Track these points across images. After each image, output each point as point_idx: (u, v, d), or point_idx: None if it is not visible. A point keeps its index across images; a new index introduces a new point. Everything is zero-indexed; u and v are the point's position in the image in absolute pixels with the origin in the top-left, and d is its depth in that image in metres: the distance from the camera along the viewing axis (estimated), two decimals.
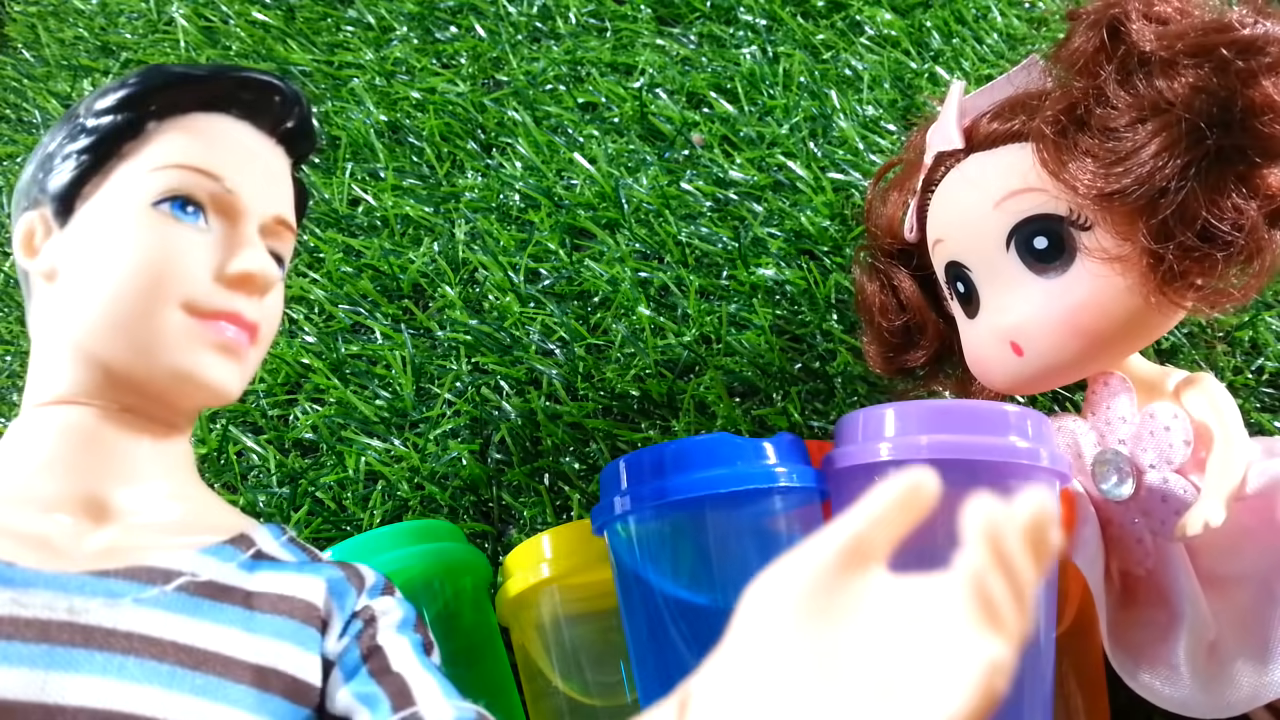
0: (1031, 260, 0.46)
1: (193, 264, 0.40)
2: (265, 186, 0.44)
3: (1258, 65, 0.40)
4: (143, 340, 0.39)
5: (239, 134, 0.44)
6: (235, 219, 0.42)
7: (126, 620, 0.34)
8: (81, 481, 0.39)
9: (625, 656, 0.48)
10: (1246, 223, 0.41)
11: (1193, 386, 0.47)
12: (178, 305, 0.40)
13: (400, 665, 0.38)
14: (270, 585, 0.39)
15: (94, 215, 0.41)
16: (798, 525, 0.45)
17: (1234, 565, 0.46)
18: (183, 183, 0.41)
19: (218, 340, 0.40)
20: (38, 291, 0.42)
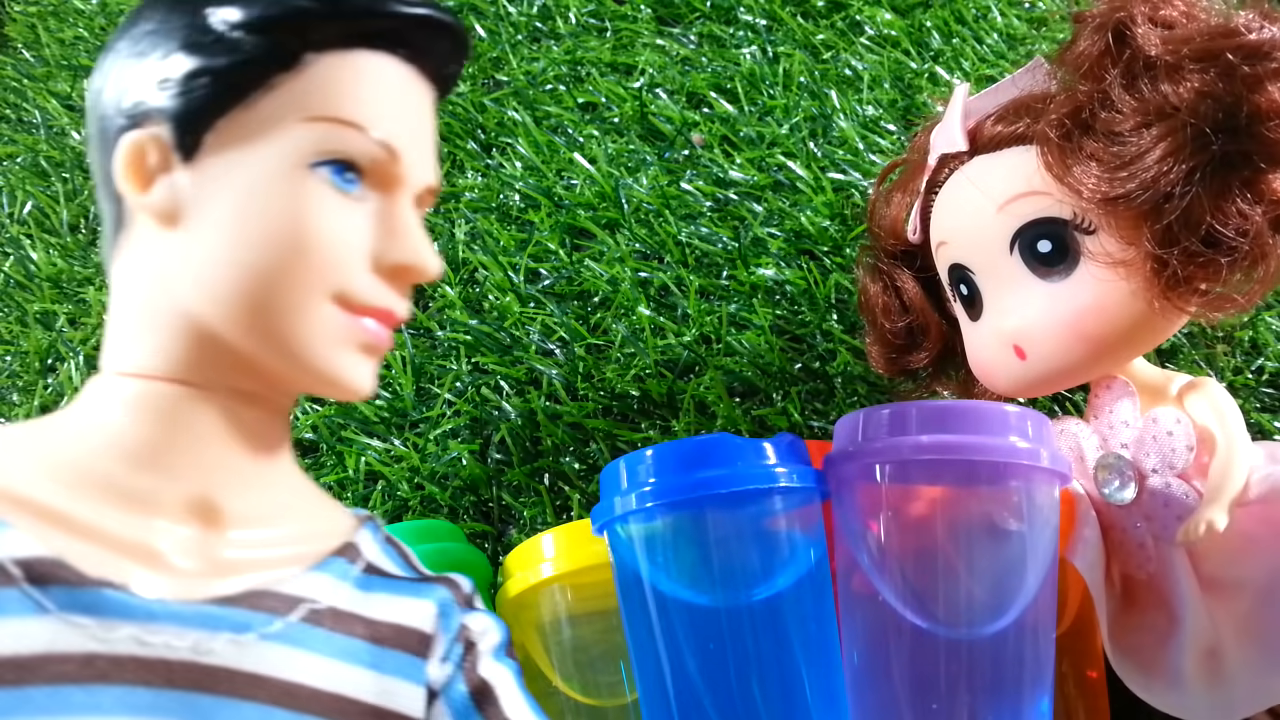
0: (1035, 264, 0.46)
1: (351, 247, 0.34)
2: (424, 150, 0.37)
3: (1264, 70, 0.40)
4: (285, 331, 0.33)
5: (403, 83, 0.36)
6: (393, 190, 0.36)
7: (252, 660, 0.31)
8: (191, 478, 0.33)
9: (625, 657, 0.48)
10: (1251, 228, 0.41)
11: (1196, 391, 0.47)
12: (330, 295, 0.34)
13: (513, 710, 0.35)
14: (388, 612, 0.35)
15: (234, 159, 0.33)
16: (798, 525, 0.45)
17: (1236, 571, 0.46)
18: (346, 144, 0.34)
19: (365, 341, 0.35)
20: (142, 232, 0.34)
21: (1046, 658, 0.44)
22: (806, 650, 0.43)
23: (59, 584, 0.29)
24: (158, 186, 0.33)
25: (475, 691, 0.35)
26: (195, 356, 0.34)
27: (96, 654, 0.28)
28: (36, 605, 0.28)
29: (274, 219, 0.33)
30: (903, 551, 0.43)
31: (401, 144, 0.35)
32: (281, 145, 0.33)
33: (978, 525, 0.43)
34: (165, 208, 0.33)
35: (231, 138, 0.33)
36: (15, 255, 0.83)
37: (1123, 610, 0.49)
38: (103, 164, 0.35)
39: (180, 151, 0.33)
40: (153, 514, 0.32)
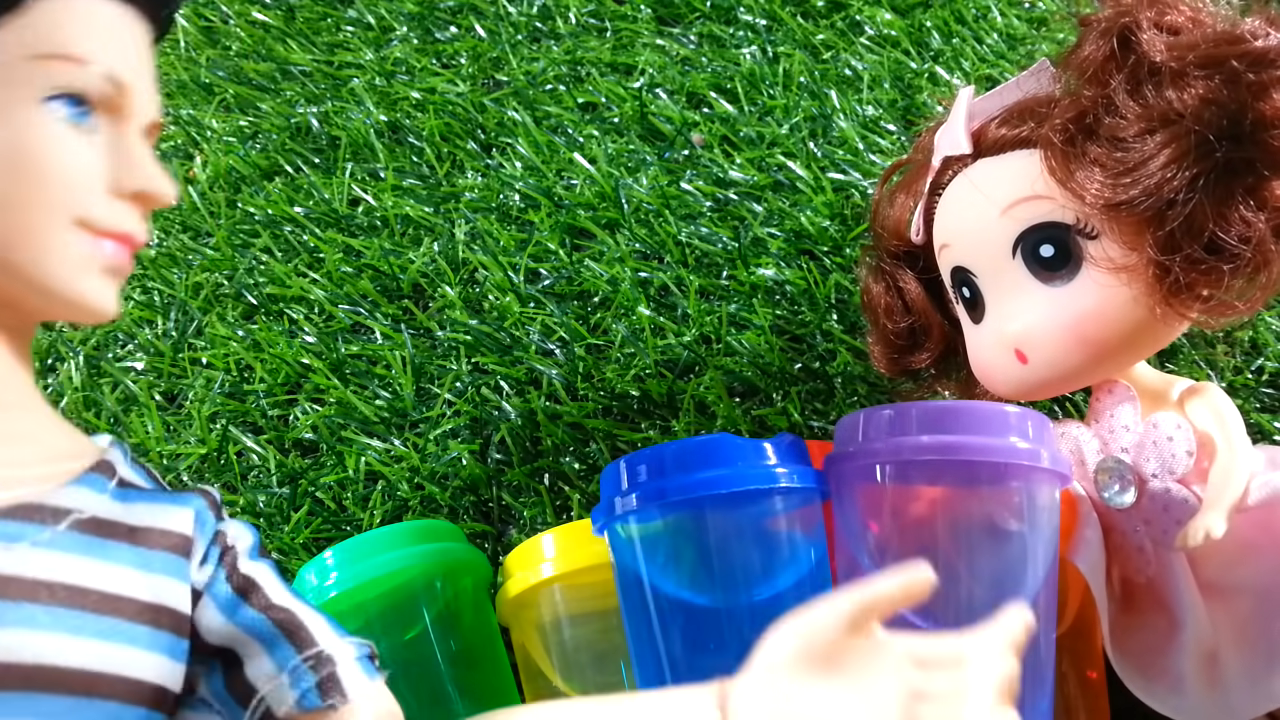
0: (1038, 268, 0.46)
1: (87, 175, 0.36)
2: (146, 85, 0.39)
3: (1268, 78, 0.40)
4: (29, 257, 0.35)
5: (121, 21, 0.38)
6: (121, 120, 0.38)
7: (31, 566, 0.33)
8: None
9: (625, 656, 0.48)
10: (1254, 235, 0.41)
11: (1197, 396, 0.47)
12: (71, 221, 0.36)
13: (280, 598, 0.38)
14: (149, 518, 0.37)
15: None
16: (798, 525, 0.45)
17: (1235, 575, 0.46)
18: (74, 79, 0.36)
19: (108, 262, 0.37)
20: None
21: (1047, 658, 0.44)
22: None
23: None
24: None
25: (239, 587, 0.38)
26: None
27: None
28: None
29: (11, 153, 0.34)
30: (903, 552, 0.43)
31: (127, 78, 0.37)
32: (11, 83, 0.35)
33: (978, 526, 0.43)
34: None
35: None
36: None
37: (1123, 613, 0.49)
38: None
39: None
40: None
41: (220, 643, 0.37)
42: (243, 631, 0.37)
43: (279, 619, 0.37)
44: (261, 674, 0.36)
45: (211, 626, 0.37)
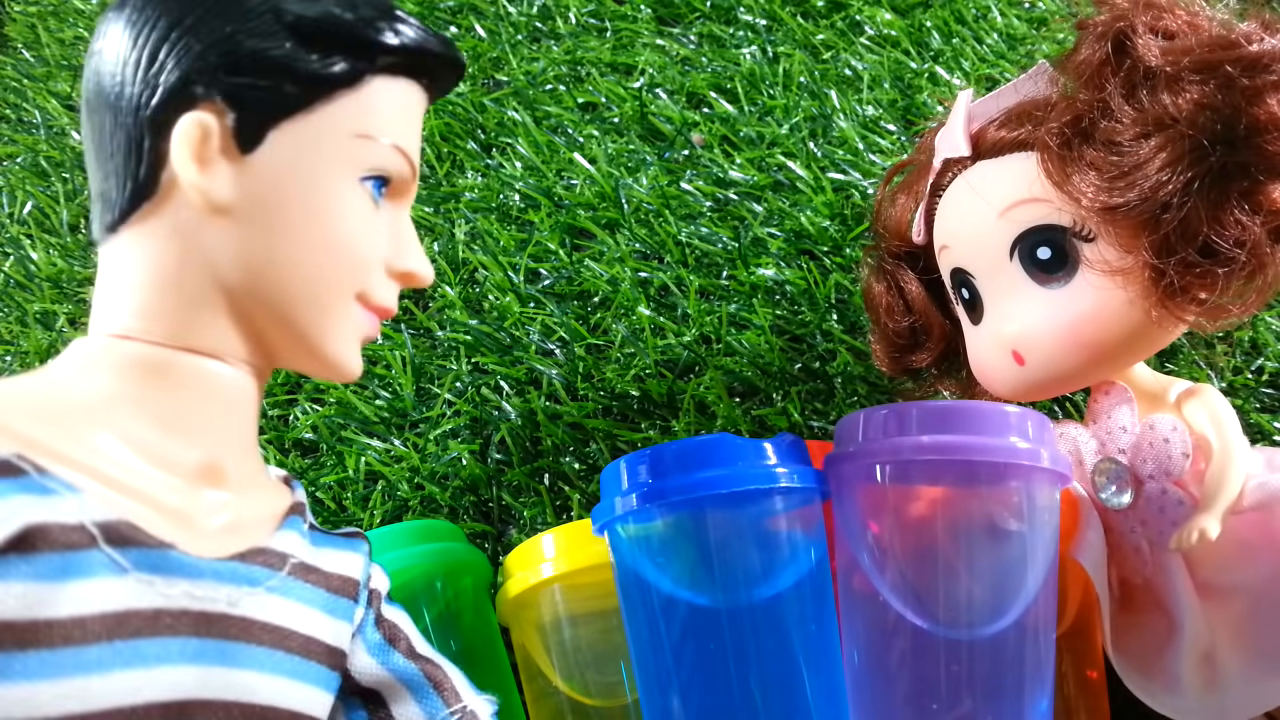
0: (1035, 270, 0.46)
1: (377, 254, 0.38)
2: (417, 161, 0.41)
3: (1263, 83, 0.40)
4: (315, 322, 0.37)
5: (421, 108, 0.40)
6: (401, 204, 0.40)
7: (263, 610, 0.34)
8: (207, 444, 0.35)
9: (626, 657, 0.48)
10: (1249, 239, 0.41)
11: (1194, 398, 0.47)
12: (354, 294, 0.38)
13: (423, 649, 0.40)
14: (334, 564, 0.39)
15: (291, 160, 0.35)
16: (798, 525, 0.45)
17: (1231, 577, 0.46)
18: (389, 163, 0.38)
19: (369, 335, 0.39)
20: (182, 208, 0.35)
21: (1047, 658, 0.44)
22: (807, 650, 0.43)
23: (131, 545, 0.31)
24: (218, 171, 0.34)
25: (387, 634, 0.40)
26: (214, 329, 0.36)
27: (162, 609, 0.31)
28: (116, 565, 0.30)
29: (327, 223, 0.36)
30: (903, 552, 0.43)
31: (416, 162, 0.39)
32: (336, 156, 0.36)
33: (978, 525, 0.43)
34: (221, 193, 0.35)
35: (289, 139, 0.35)
36: (15, 255, 0.83)
37: (1121, 613, 0.50)
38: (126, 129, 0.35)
39: (241, 143, 0.35)
40: (174, 475, 0.34)
41: (369, 684, 0.39)
42: (393, 677, 0.39)
43: (426, 670, 0.40)
44: (406, 717, 0.39)
45: (363, 668, 0.39)
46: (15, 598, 0.27)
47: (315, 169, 0.36)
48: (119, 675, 0.29)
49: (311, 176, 0.36)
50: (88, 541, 0.30)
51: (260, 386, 0.39)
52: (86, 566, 0.29)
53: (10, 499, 0.28)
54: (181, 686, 0.31)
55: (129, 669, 0.29)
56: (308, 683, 0.35)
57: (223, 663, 0.32)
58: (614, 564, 0.47)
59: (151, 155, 0.35)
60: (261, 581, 0.35)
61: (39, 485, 0.29)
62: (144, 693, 0.29)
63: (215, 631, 0.32)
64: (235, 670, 0.32)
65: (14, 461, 0.29)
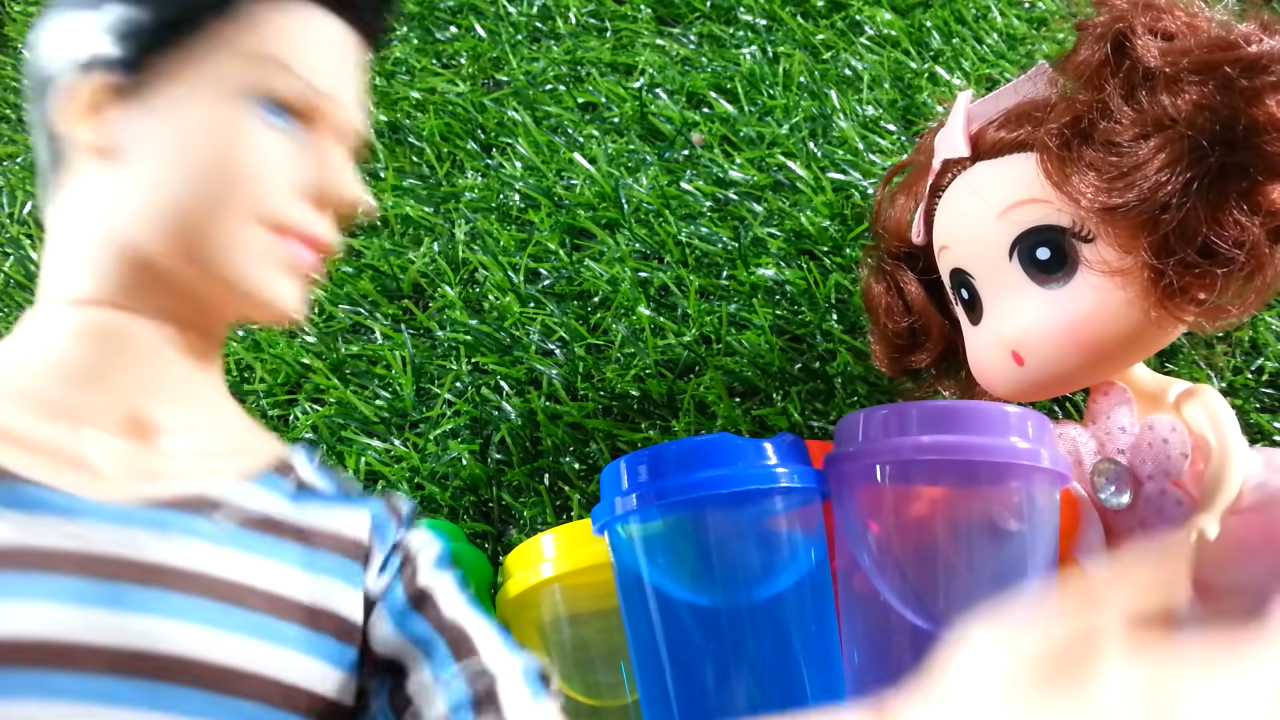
0: (1034, 270, 0.46)
1: (277, 174, 0.37)
2: (350, 96, 0.40)
3: (1261, 84, 0.40)
4: (211, 248, 0.36)
5: (331, 30, 0.39)
6: (322, 130, 0.39)
7: (185, 556, 0.32)
8: (120, 395, 0.35)
9: (626, 656, 0.48)
10: (1248, 239, 0.41)
11: (1193, 399, 0.47)
12: (254, 217, 0.36)
13: (452, 609, 0.36)
14: (321, 520, 0.37)
15: (171, 98, 0.36)
16: (798, 525, 0.45)
17: (1228, 576, 0.46)
18: (277, 84, 0.37)
19: (290, 259, 0.38)
20: (81, 169, 0.37)
21: None
22: (807, 650, 0.43)
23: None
24: (100, 125, 0.36)
25: (414, 597, 0.37)
26: (132, 283, 0.36)
27: (24, 545, 0.30)
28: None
29: (207, 150, 0.36)
30: (903, 551, 0.43)
31: (327, 85, 0.38)
32: (214, 83, 0.36)
33: (978, 525, 0.43)
34: (104, 145, 0.36)
35: (168, 79, 0.36)
36: (15, 255, 0.83)
37: None
38: (40, 110, 0.38)
39: (117, 93, 0.36)
40: (83, 425, 0.34)
41: (389, 654, 0.36)
42: (410, 641, 0.35)
43: (450, 631, 0.35)
44: (417, 684, 0.34)
45: (382, 636, 0.36)
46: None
47: (193, 98, 0.36)
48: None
49: (191, 107, 0.36)
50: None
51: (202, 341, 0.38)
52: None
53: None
54: (57, 625, 0.29)
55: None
56: (264, 639, 0.33)
57: (113, 606, 0.30)
58: (614, 564, 0.47)
59: (53, 123, 0.37)
60: (184, 528, 0.33)
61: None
62: (4, 627, 0.29)
63: (107, 574, 0.31)
64: (131, 615, 0.31)
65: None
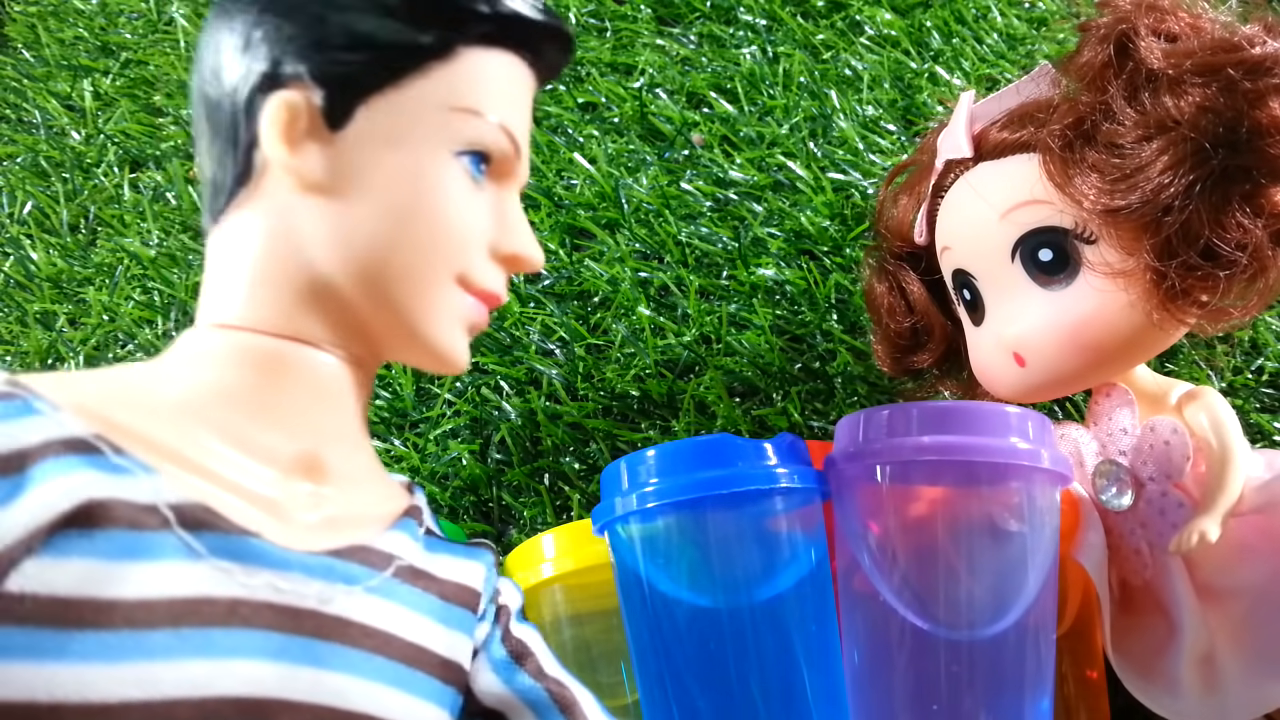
0: (1036, 272, 0.46)
1: (478, 233, 0.36)
2: (528, 147, 0.39)
3: (1265, 86, 0.40)
4: (412, 303, 0.35)
5: (525, 83, 0.38)
6: (508, 183, 0.38)
7: (361, 611, 0.32)
8: (305, 436, 0.34)
9: (625, 656, 0.48)
10: (1251, 242, 0.41)
11: (1194, 401, 0.47)
12: (454, 276, 0.36)
13: (551, 668, 0.37)
14: (450, 571, 0.37)
15: (383, 136, 0.34)
16: (798, 525, 0.45)
17: (1231, 579, 0.46)
18: (485, 137, 0.36)
19: (473, 320, 0.37)
20: (277, 191, 0.34)
21: (1047, 659, 0.44)
22: (807, 651, 0.43)
23: (208, 530, 0.29)
24: (308, 150, 0.34)
25: (514, 650, 0.37)
26: (314, 315, 0.35)
27: (240, 599, 0.29)
28: (189, 550, 0.29)
29: (420, 199, 0.34)
30: (904, 552, 0.43)
31: (521, 140, 0.37)
32: (429, 130, 0.35)
33: (978, 526, 0.43)
34: (312, 172, 0.34)
35: (380, 114, 0.34)
36: (15, 255, 0.83)
37: (1121, 614, 0.50)
38: (226, 117, 0.35)
39: (330, 120, 0.34)
40: (270, 466, 0.33)
41: (492, 705, 0.36)
42: (518, 698, 0.36)
43: (554, 691, 0.36)
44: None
45: (487, 688, 0.36)
46: (73, 575, 0.26)
47: (406, 144, 0.34)
48: (187, 664, 0.27)
49: (402, 152, 0.34)
50: (159, 523, 0.28)
51: (365, 380, 0.37)
52: (156, 548, 0.28)
53: (76, 474, 0.27)
54: (260, 683, 0.28)
55: (198, 659, 0.27)
56: (414, 694, 0.33)
57: (310, 663, 0.30)
58: (614, 564, 0.47)
59: (246, 139, 0.34)
60: (360, 580, 0.33)
61: (111, 464, 0.28)
62: (215, 685, 0.27)
63: (302, 628, 0.30)
64: (324, 672, 0.30)
65: (89, 439, 0.28)
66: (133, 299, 0.77)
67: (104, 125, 0.90)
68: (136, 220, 0.83)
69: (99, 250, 0.82)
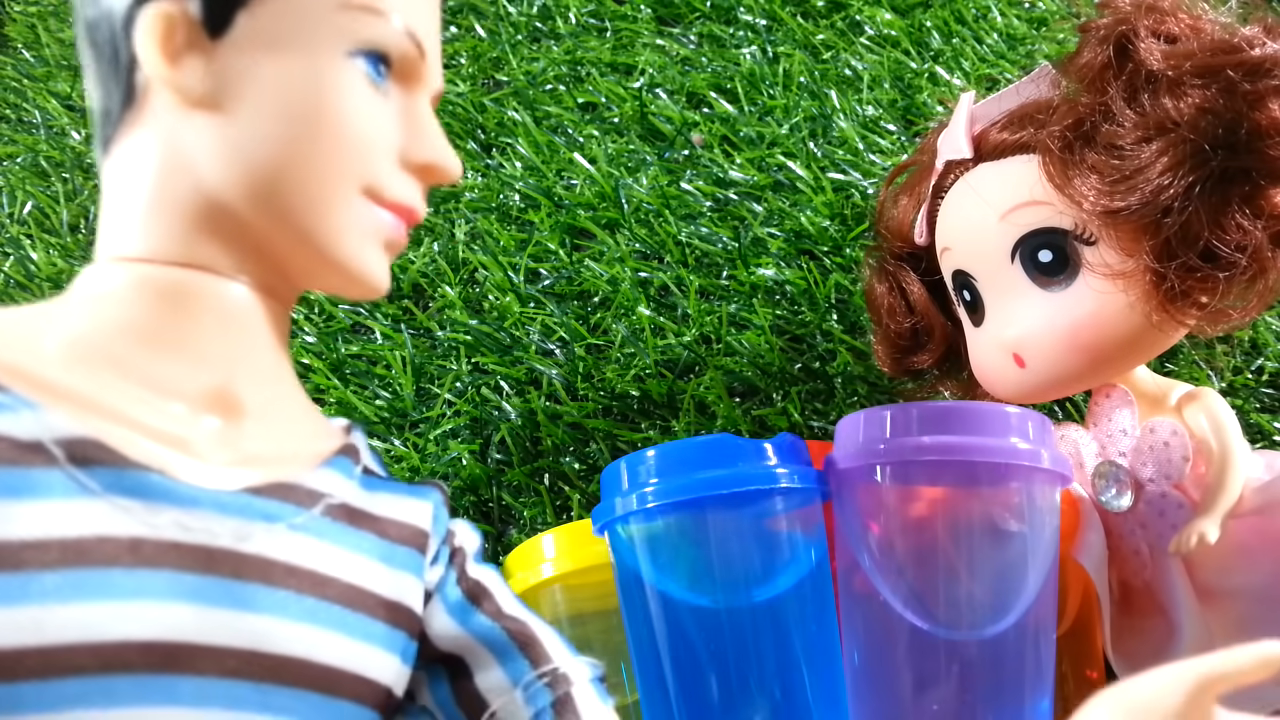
0: (1036, 273, 0.46)
1: (383, 140, 0.34)
2: (438, 51, 0.36)
3: (1265, 88, 0.40)
4: (315, 217, 0.32)
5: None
6: (416, 88, 0.35)
7: (285, 550, 0.30)
8: (215, 369, 0.32)
9: (626, 657, 0.48)
10: (1250, 243, 0.41)
11: (1194, 402, 0.47)
12: (360, 187, 0.33)
13: (510, 607, 0.36)
14: (393, 510, 0.35)
15: (269, 41, 0.32)
16: (798, 526, 0.45)
17: (1230, 580, 0.47)
18: (382, 35, 0.33)
19: (388, 236, 0.35)
20: (161, 111, 0.32)
21: (1047, 659, 0.44)
22: (807, 651, 0.43)
23: (102, 465, 0.28)
24: (187, 64, 0.31)
25: (469, 591, 0.36)
26: (214, 241, 0.32)
27: (143, 538, 0.28)
28: (81, 487, 0.27)
29: (313, 105, 0.32)
30: (904, 552, 0.43)
31: (427, 42, 0.35)
32: (318, 31, 0.32)
33: (979, 526, 0.43)
34: (194, 86, 0.31)
35: (263, 17, 0.32)
36: (15, 255, 0.83)
37: (1121, 615, 0.50)
38: (106, 39, 0.33)
39: (209, 29, 0.32)
40: (175, 400, 0.31)
41: (449, 649, 0.35)
42: (474, 639, 0.34)
43: (513, 629, 0.35)
44: (493, 686, 0.34)
45: (441, 631, 0.35)
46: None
47: (293, 47, 0.32)
48: (83, 607, 0.26)
49: (288, 55, 0.32)
50: (45, 460, 0.27)
51: (282, 311, 0.35)
52: (43, 486, 0.26)
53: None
54: (171, 627, 0.27)
55: (96, 601, 0.26)
56: (354, 637, 0.31)
57: (228, 604, 0.28)
58: (614, 564, 0.47)
59: (127, 59, 0.32)
60: (283, 518, 0.31)
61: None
62: (117, 629, 0.26)
63: (217, 569, 0.28)
64: (244, 614, 0.29)
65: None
66: None
67: None
68: None
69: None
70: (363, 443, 0.37)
